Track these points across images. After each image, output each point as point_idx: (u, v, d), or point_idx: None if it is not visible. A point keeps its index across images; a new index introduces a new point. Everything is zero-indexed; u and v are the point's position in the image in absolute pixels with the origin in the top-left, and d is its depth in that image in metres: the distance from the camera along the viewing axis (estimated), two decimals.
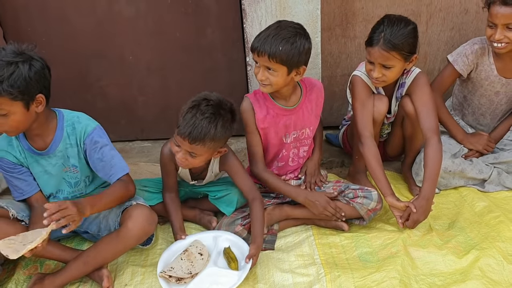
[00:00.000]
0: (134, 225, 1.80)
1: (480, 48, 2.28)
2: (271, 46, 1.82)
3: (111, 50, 2.72)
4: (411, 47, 2.02)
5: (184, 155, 1.87)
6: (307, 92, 2.08)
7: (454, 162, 2.26)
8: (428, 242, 1.94)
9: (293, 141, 2.12)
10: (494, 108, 2.41)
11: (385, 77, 2.05)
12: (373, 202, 2.01)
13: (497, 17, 2.09)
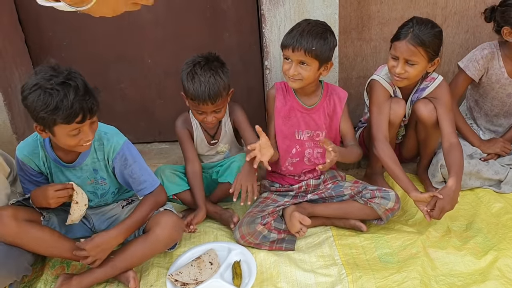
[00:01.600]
0: (163, 232, 1.86)
1: (490, 52, 2.32)
2: (308, 41, 1.94)
3: (130, 53, 2.77)
4: (437, 48, 2.08)
5: (211, 115, 2.10)
6: (326, 96, 2.13)
7: (470, 163, 2.29)
8: (447, 243, 1.97)
9: (308, 140, 2.18)
10: (507, 109, 2.44)
11: (407, 73, 2.08)
12: (390, 202, 2.05)
13: None
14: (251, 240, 2.02)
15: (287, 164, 2.24)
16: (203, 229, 2.19)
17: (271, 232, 2.05)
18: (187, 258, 2.00)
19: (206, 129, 2.27)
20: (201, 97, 2.03)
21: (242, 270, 1.92)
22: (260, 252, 2.01)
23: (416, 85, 2.25)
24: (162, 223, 1.87)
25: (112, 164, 1.92)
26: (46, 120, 1.63)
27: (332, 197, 2.18)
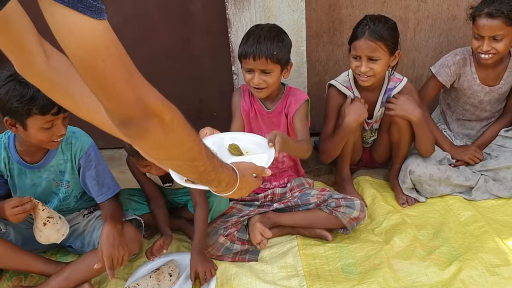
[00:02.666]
0: None
1: (462, 58, 2.30)
2: (267, 47, 1.89)
3: None
4: (395, 40, 2.09)
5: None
6: (284, 99, 2.10)
7: (440, 168, 2.26)
8: (411, 254, 1.94)
9: None
10: (478, 114, 2.42)
11: (373, 70, 2.08)
12: (355, 211, 2.01)
13: (483, 29, 2.09)
14: (213, 252, 1.98)
15: None
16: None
17: (234, 243, 2.01)
18: (147, 269, 1.96)
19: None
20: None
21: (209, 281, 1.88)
22: (221, 263, 1.97)
23: (383, 86, 2.22)
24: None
25: (79, 163, 1.90)
26: (20, 111, 1.64)
27: (299, 205, 2.14)
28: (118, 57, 0.84)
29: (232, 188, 1.22)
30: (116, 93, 0.85)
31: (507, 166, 2.24)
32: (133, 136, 0.92)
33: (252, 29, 1.97)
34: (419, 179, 2.25)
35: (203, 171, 1.09)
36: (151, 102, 0.89)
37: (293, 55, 2.30)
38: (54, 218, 1.80)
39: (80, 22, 0.78)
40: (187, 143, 1.01)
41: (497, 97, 2.35)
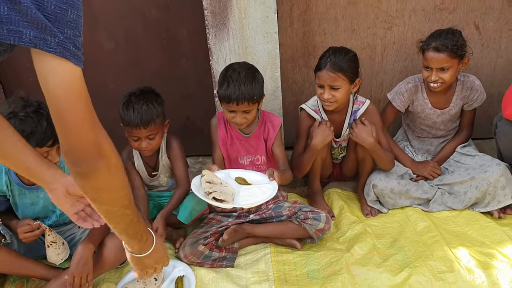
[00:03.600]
0: (108, 254, 2.08)
1: (414, 86, 2.56)
2: (248, 91, 2.17)
3: (94, 79, 2.93)
4: (354, 70, 2.34)
5: (145, 142, 2.28)
6: (262, 123, 2.37)
7: (400, 183, 2.51)
8: (368, 261, 2.18)
9: (249, 164, 2.40)
10: (434, 132, 2.68)
11: (335, 97, 2.33)
12: (321, 223, 2.26)
13: (431, 62, 2.35)
14: (193, 260, 2.23)
15: None
16: None
17: (213, 251, 2.26)
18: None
19: (147, 161, 2.46)
20: (134, 121, 2.23)
21: (184, 285, 2.13)
22: (201, 269, 2.21)
23: (348, 109, 2.47)
24: (108, 246, 2.08)
25: None
26: None
27: (272, 217, 2.38)
28: (87, 101, 1.07)
29: (149, 248, 1.40)
30: (79, 133, 1.05)
31: (460, 181, 2.49)
32: (83, 174, 1.09)
33: (229, 73, 2.22)
34: (381, 192, 2.50)
35: (131, 220, 1.26)
36: (105, 145, 1.09)
37: (268, 80, 2.57)
38: (57, 243, 2.06)
39: (65, 66, 1.01)
40: (123, 189, 1.18)
41: (449, 118, 2.61)
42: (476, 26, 2.75)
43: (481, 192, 2.40)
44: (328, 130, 2.39)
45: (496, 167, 2.39)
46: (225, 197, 2.01)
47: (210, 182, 2.09)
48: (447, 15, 2.73)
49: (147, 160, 2.47)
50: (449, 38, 2.34)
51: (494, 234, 2.30)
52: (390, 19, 2.75)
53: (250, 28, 2.44)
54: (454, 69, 2.38)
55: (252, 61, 2.52)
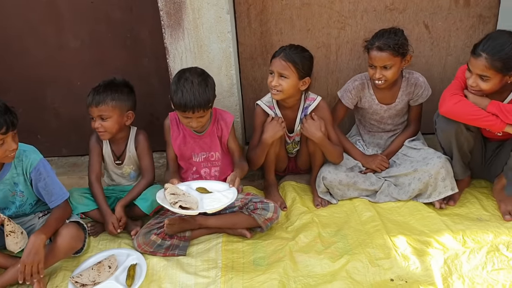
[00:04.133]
0: (62, 242, 2.19)
1: (360, 83, 2.68)
2: (202, 100, 2.28)
3: (61, 77, 3.09)
4: (306, 67, 2.46)
5: (98, 121, 2.45)
6: (215, 121, 2.47)
7: (348, 175, 2.63)
8: (311, 248, 2.31)
9: (203, 161, 2.52)
10: (383, 127, 2.80)
11: (281, 86, 2.45)
12: (269, 212, 2.38)
13: (375, 60, 2.47)
14: (146, 249, 2.35)
15: (189, 178, 2.57)
16: (110, 237, 2.52)
17: (165, 240, 2.37)
18: (91, 262, 2.32)
19: (114, 149, 2.59)
20: (88, 100, 2.46)
21: (136, 273, 2.24)
22: (154, 258, 2.33)
23: (300, 105, 2.59)
24: (62, 234, 2.20)
25: (30, 177, 2.25)
26: None
27: (225, 208, 2.49)
28: None
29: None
30: None
31: (405, 173, 2.61)
32: None
33: (181, 82, 2.30)
34: (331, 184, 2.62)
35: None
36: None
37: (224, 78, 2.69)
38: (16, 233, 2.16)
39: None
40: None
41: (395, 113, 2.73)
42: (425, 25, 2.87)
43: (424, 184, 2.52)
44: (279, 126, 2.51)
45: (437, 160, 2.51)
46: (190, 205, 2.16)
47: (174, 193, 2.23)
48: (397, 15, 2.85)
49: (114, 149, 2.60)
50: (391, 37, 2.46)
51: (433, 223, 2.42)
52: (343, 19, 2.87)
53: (204, 28, 2.55)
54: (397, 67, 2.50)
55: (207, 59, 2.64)
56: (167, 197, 2.22)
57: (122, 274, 2.24)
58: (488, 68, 2.18)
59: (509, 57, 2.15)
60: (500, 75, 2.19)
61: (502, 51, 2.16)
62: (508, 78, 2.21)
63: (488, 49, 2.18)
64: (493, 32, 2.28)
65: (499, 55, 2.15)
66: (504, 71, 2.17)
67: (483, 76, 2.21)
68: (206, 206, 2.20)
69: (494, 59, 2.16)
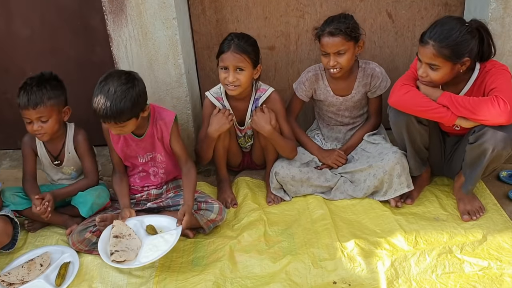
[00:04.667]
0: None
1: (314, 75, 2.54)
2: (121, 114, 2.05)
3: (13, 66, 2.97)
4: (256, 54, 2.34)
5: (37, 124, 2.26)
6: (153, 122, 2.30)
7: (302, 170, 2.49)
8: (253, 248, 2.18)
9: (150, 161, 2.38)
10: (340, 120, 2.66)
11: (239, 81, 2.31)
12: (213, 214, 2.26)
13: (327, 47, 2.32)
14: (81, 247, 2.23)
15: (136, 176, 2.45)
16: (48, 233, 2.41)
17: None
18: (23, 260, 2.21)
19: (50, 149, 2.43)
20: (22, 102, 2.25)
21: (68, 271, 2.13)
22: (89, 256, 2.21)
23: (251, 97, 2.46)
24: None
25: None
26: None
27: (170, 206, 2.38)
28: None
29: None
30: None
31: (360, 169, 2.47)
32: None
33: (101, 85, 2.11)
34: (283, 179, 2.49)
35: None
36: None
37: (172, 67, 2.56)
38: None
39: None
40: None
41: (352, 105, 2.59)
42: (388, 14, 2.73)
43: (379, 180, 2.39)
44: (225, 119, 2.37)
45: (392, 155, 2.37)
46: (128, 256, 2.05)
47: (118, 236, 2.11)
48: (358, 3, 2.70)
49: (50, 149, 2.44)
50: (342, 21, 2.32)
51: (387, 223, 2.29)
52: (302, 7, 2.73)
53: (148, 14, 2.42)
54: (351, 53, 2.36)
55: (152, 47, 2.51)
56: (110, 241, 2.10)
57: (54, 273, 2.13)
58: (436, 56, 2.03)
59: (457, 43, 2.00)
60: (450, 64, 2.04)
61: (449, 37, 2.01)
62: (460, 67, 2.06)
63: (435, 35, 2.03)
64: (441, 18, 2.11)
65: (447, 42, 2.00)
66: (453, 59, 2.02)
67: (432, 65, 2.06)
68: (142, 258, 2.05)
69: (442, 46, 2.01)
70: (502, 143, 2.01)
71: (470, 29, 2.03)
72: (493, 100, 1.98)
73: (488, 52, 2.11)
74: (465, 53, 2.02)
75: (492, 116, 1.98)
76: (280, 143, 2.43)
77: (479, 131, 2.07)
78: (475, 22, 2.08)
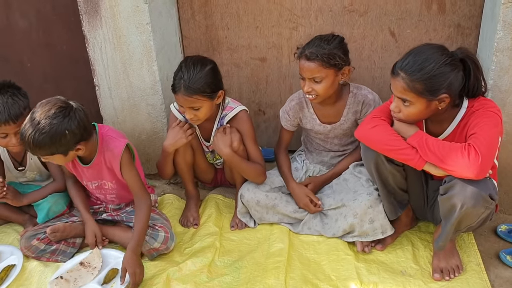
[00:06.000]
0: None
1: (297, 103, 2.32)
2: (35, 147, 1.91)
3: (12, 57, 3.00)
4: (212, 86, 2.13)
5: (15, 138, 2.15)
6: (102, 151, 2.13)
7: (269, 196, 2.30)
8: (192, 278, 2.02)
9: (97, 189, 2.26)
10: (329, 147, 2.43)
11: (197, 117, 2.16)
12: (157, 242, 2.12)
13: (303, 71, 2.10)
14: (28, 254, 2.19)
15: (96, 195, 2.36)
16: (9, 231, 2.42)
17: (51, 246, 2.20)
18: None
19: (13, 155, 2.37)
20: (2, 117, 2.11)
21: (10, 275, 2.10)
22: (34, 262, 2.18)
23: (218, 114, 2.30)
24: None
25: None
26: None
27: (123, 221, 2.29)
28: None
29: None
30: None
31: (334, 207, 2.23)
32: None
33: (29, 118, 1.93)
34: (248, 203, 2.31)
35: None
36: None
37: (146, 74, 2.46)
38: None
39: None
40: None
41: (342, 133, 2.34)
42: (391, 32, 2.44)
43: (348, 224, 2.15)
44: (182, 133, 2.23)
45: (365, 196, 2.12)
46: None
47: (84, 264, 2.09)
48: (357, 18, 2.43)
49: (13, 155, 2.37)
50: (322, 46, 2.07)
51: (346, 269, 2.05)
52: (295, 18, 2.50)
53: (122, 17, 2.32)
54: (329, 81, 2.11)
55: (127, 51, 2.41)
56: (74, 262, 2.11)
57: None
58: (407, 90, 1.74)
59: (431, 77, 1.70)
60: (424, 100, 1.75)
61: (422, 69, 1.71)
62: (438, 104, 1.77)
63: (406, 66, 1.74)
64: (418, 46, 1.81)
65: (419, 75, 1.71)
66: (426, 95, 1.73)
67: (405, 99, 1.78)
68: None
69: (413, 80, 1.72)
70: (472, 200, 1.70)
71: (451, 60, 1.73)
72: (464, 149, 1.68)
73: (476, 87, 1.80)
74: (440, 89, 1.72)
75: (460, 167, 1.68)
76: (242, 167, 2.24)
77: (449, 181, 1.77)
78: (461, 51, 1.78)
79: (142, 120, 2.58)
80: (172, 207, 2.53)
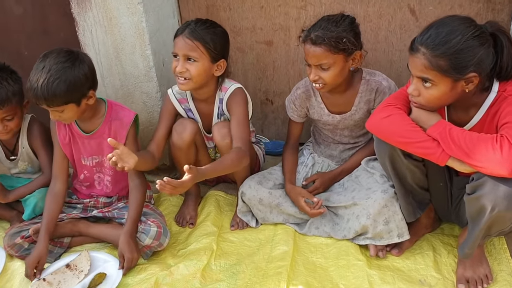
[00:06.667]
0: None
1: (304, 91, 2.10)
2: (50, 95, 1.80)
3: (9, 44, 2.85)
4: (218, 46, 1.94)
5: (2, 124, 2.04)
6: (108, 120, 2.02)
7: (272, 193, 2.08)
8: (185, 284, 1.83)
9: (95, 166, 2.11)
10: (338, 139, 2.19)
11: (189, 72, 1.92)
12: (148, 238, 1.94)
13: (308, 57, 1.86)
14: (11, 252, 2.04)
15: (81, 186, 2.21)
16: None
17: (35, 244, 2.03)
18: None
19: (5, 144, 2.23)
20: None
21: None
22: (18, 262, 2.03)
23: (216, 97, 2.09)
24: None
25: None
26: None
27: (115, 218, 2.12)
28: None
29: None
30: None
31: (345, 205, 1.99)
32: None
33: (36, 69, 1.85)
34: (250, 202, 2.10)
35: None
36: None
37: (140, 59, 2.27)
38: None
39: None
40: None
41: (353, 123, 2.10)
42: (411, 10, 2.17)
43: (361, 226, 1.90)
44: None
45: (379, 194, 1.87)
46: None
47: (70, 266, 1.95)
48: None
49: (4, 143, 2.24)
50: (329, 28, 1.83)
51: (356, 277, 1.81)
52: None
53: None
54: (338, 68, 1.87)
55: (118, 35, 2.23)
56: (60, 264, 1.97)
57: None
58: (429, 68, 1.48)
59: (457, 51, 1.43)
60: (448, 80, 1.48)
61: (447, 43, 1.44)
62: (465, 86, 1.50)
63: (427, 41, 1.47)
64: (441, 18, 1.53)
65: (444, 49, 1.44)
66: (452, 73, 1.46)
67: (426, 79, 1.52)
68: None
69: (436, 55, 1.45)
70: (505, 202, 1.43)
71: (480, 33, 1.46)
72: (495, 141, 1.41)
73: (509, 68, 1.52)
74: (468, 66, 1.45)
75: (490, 163, 1.41)
76: (218, 171, 1.95)
77: (478, 179, 1.50)
78: (491, 25, 1.50)
79: (137, 109, 2.37)
80: (169, 204, 2.34)
